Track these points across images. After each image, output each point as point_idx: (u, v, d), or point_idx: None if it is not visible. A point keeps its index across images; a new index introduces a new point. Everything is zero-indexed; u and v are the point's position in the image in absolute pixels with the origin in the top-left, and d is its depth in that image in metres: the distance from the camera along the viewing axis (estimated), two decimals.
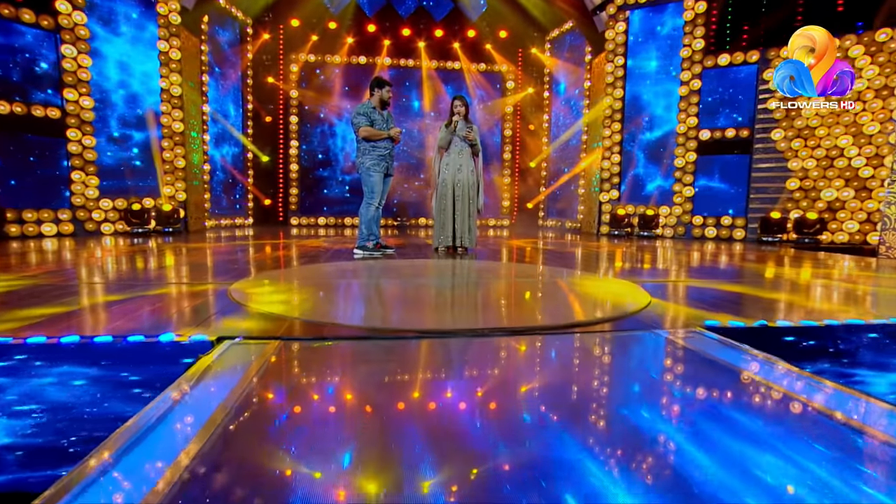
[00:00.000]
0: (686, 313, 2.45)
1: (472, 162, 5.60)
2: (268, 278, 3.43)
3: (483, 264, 4.51)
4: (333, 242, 6.92)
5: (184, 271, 3.72)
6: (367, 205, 5.27)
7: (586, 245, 7.21)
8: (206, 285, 3.07)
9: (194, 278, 3.37)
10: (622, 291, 3.06)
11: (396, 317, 2.32)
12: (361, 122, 5.07)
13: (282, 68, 11.14)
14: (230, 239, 7.41)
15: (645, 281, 3.52)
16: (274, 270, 3.89)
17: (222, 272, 3.74)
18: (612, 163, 9.53)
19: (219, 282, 3.21)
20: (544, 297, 2.92)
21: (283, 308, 2.39)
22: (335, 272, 3.77)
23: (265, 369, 1.57)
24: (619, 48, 9.21)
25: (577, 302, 2.75)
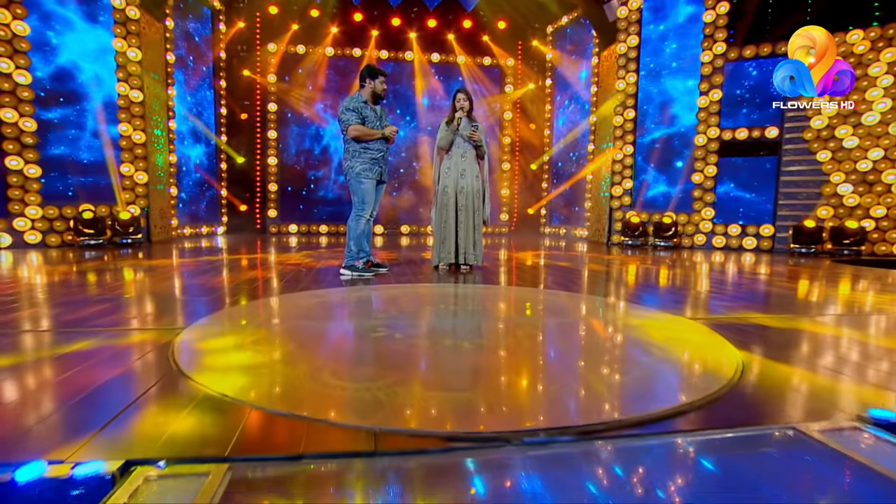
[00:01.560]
0: (809, 384, 1.82)
1: (476, 166, 4.97)
2: (230, 319, 2.74)
3: (497, 292, 3.86)
4: (318, 257, 6.23)
5: (122, 305, 3.01)
6: (357, 217, 4.59)
7: (602, 259, 6.61)
8: (143, 332, 2.38)
9: (132, 319, 2.67)
10: (693, 338, 2.43)
11: (408, 403, 1.66)
12: (351, 120, 4.40)
13: (259, 60, 10.42)
14: (197, 252, 6.68)
15: (708, 318, 2.89)
16: (240, 306, 3.19)
17: (172, 308, 3.04)
18: (624, 166, 8.96)
19: (163, 326, 2.52)
20: (599, 356, 2.27)
21: (241, 383, 1.72)
22: (318, 309, 3.09)
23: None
24: (632, 40, 8.66)
25: (646, 363, 2.11)
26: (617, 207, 9.07)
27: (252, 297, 3.49)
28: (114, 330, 2.43)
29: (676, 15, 8.39)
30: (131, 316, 2.75)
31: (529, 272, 5.08)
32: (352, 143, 4.49)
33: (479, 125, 5.01)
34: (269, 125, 10.58)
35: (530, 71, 11.47)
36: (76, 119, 7.10)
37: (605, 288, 4.12)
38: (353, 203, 4.63)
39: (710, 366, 1.99)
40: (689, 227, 8.45)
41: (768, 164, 7.92)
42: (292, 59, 10.57)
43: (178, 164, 9.01)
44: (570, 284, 4.26)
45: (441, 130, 5.01)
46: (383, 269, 4.94)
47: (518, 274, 4.94)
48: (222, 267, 5.14)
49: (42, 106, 6.74)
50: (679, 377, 1.93)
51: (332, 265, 5.37)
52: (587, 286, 4.22)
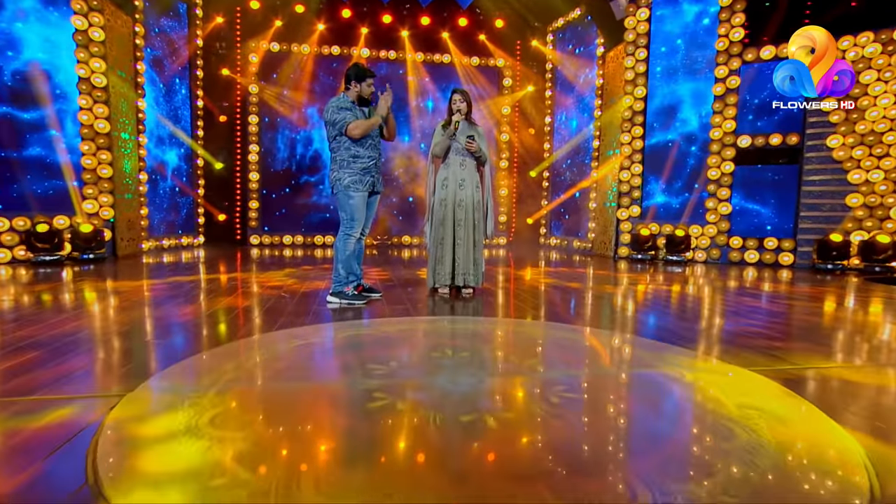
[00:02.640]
0: None
1: (476, 174, 4.53)
2: (185, 380, 2.21)
3: (510, 330, 3.35)
4: (302, 277, 5.69)
5: (53, 354, 2.46)
6: (345, 236, 4.08)
7: (612, 277, 6.14)
8: (65, 405, 1.84)
9: (55, 380, 2.13)
10: (773, 407, 1.94)
11: None
12: (348, 118, 3.92)
13: (239, 58, 9.88)
14: (167, 270, 6.11)
15: (768, 366, 2.41)
16: (201, 357, 2.66)
17: (117, 358, 2.50)
18: (632, 174, 8.53)
19: (97, 391, 1.98)
20: (671, 444, 1.78)
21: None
22: (299, 359, 2.57)
23: None
24: (642, 38, 8.26)
25: (738, 457, 1.61)
26: (624, 219, 8.63)
27: (220, 337, 2.95)
28: (25, 401, 1.88)
29: (689, 13, 8.00)
30: (58, 374, 2.21)
31: (538, 297, 4.59)
32: (340, 151, 4.00)
33: (480, 129, 4.57)
34: (250, 128, 10.02)
35: (530, 72, 11.05)
36: (31, 120, 6.51)
37: (631, 320, 3.64)
38: (340, 220, 4.12)
39: (826, 464, 1.50)
40: (703, 241, 8.04)
41: (788, 173, 7.53)
42: (275, 57, 10.03)
43: (150, 171, 8.42)
44: (596, 314, 3.77)
45: (436, 136, 4.56)
46: (376, 295, 4.44)
47: (526, 300, 4.44)
48: (192, 291, 4.59)
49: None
50: (791, 484, 1.43)
51: (319, 288, 4.84)
52: (610, 317, 3.74)
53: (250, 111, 9.96)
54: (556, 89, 10.93)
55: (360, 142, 3.98)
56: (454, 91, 4.48)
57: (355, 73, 4.00)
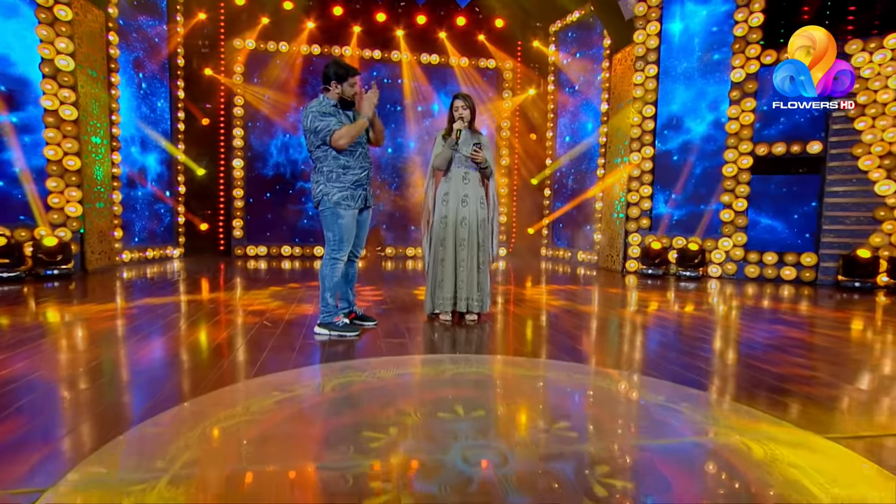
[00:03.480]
0: None
1: (480, 189, 4.17)
2: (126, 465, 1.76)
3: (529, 375, 2.93)
4: (289, 298, 5.25)
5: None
6: (333, 261, 3.65)
7: (626, 296, 5.75)
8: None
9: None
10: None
11: None
12: (333, 126, 3.47)
13: (223, 57, 9.43)
14: (139, 289, 5.64)
15: (868, 435, 2.00)
16: (153, 426, 2.21)
17: (50, 427, 2.05)
18: (641, 184, 8.17)
19: (7, 486, 1.53)
20: None
21: None
22: (275, 428, 2.14)
23: None
24: (652, 40, 7.91)
25: None
26: (633, 231, 8.26)
27: (185, 389, 2.51)
28: None
29: (702, 13, 7.67)
30: None
31: (549, 325, 4.17)
32: (327, 162, 3.56)
33: (484, 139, 4.19)
34: (234, 132, 9.57)
35: (531, 74, 10.69)
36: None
37: (659, 357, 3.23)
38: (325, 241, 3.69)
39: None
40: (718, 255, 7.67)
41: (809, 183, 7.19)
42: (262, 57, 9.61)
43: (124, 178, 7.95)
44: (619, 350, 3.35)
45: (436, 146, 4.18)
46: (370, 324, 4.02)
47: (537, 330, 4.02)
48: (162, 318, 4.13)
49: None
50: None
51: (306, 313, 4.41)
52: (643, 354, 3.32)
53: (235, 114, 9.52)
54: (559, 92, 10.57)
55: (349, 150, 3.56)
56: (456, 96, 4.09)
57: (335, 72, 3.51)
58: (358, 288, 5.87)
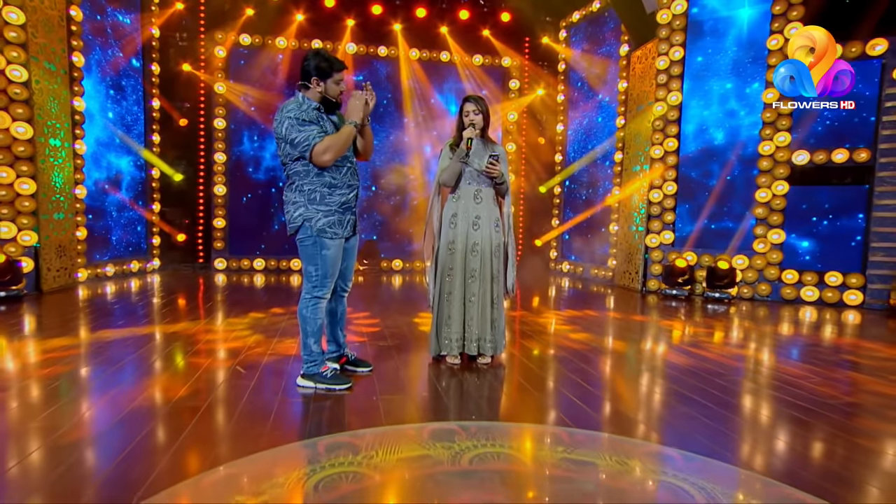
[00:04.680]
0: None
1: (495, 209, 3.63)
2: None
3: (570, 462, 2.29)
4: (271, 330, 4.62)
5: None
6: (314, 301, 3.03)
7: (656, 323, 5.11)
8: None
9: None
10: None
11: None
12: (314, 139, 2.84)
13: (203, 52, 8.80)
14: (94, 317, 4.98)
15: None
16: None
17: None
18: (664, 194, 7.56)
19: None
20: None
21: None
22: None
23: None
24: (678, 35, 7.32)
25: None
26: (655, 246, 7.65)
27: (112, 492, 1.85)
28: None
29: (735, 5, 7.08)
30: None
31: (579, 370, 3.54)
32: (309, 179, 2.94)
33: (500, 148, 3.64)
34: (215, 133, 8.93)
35: (540, 73, 10.08)
36: None
37: (739, 423, 2.60)
38: (304, 276, 3.07)
39: None
40: (750, 274, 7.06)
41: (855, 195, 6.60)
42: (246, 51, 8.99)
43: (89, 184, 7.30)
44: (663, 412, 2.72)
45: (443, 159, 3.61)
46: (364, 370, 3.41)
47: (562, 377, 3.38)
48: (112, 362, 3.48)
49: None
50: None
51: (289, 354, 3.77)
52: (697, 418, 2.69)
53: (216, 114, 8.89)
54: (571, 93, 9.97)
55: (334, 165, 2.94)
56: (466, 99, 3.52)
57: (317, 66, 2.90)
58: (350, 314, 5.25)
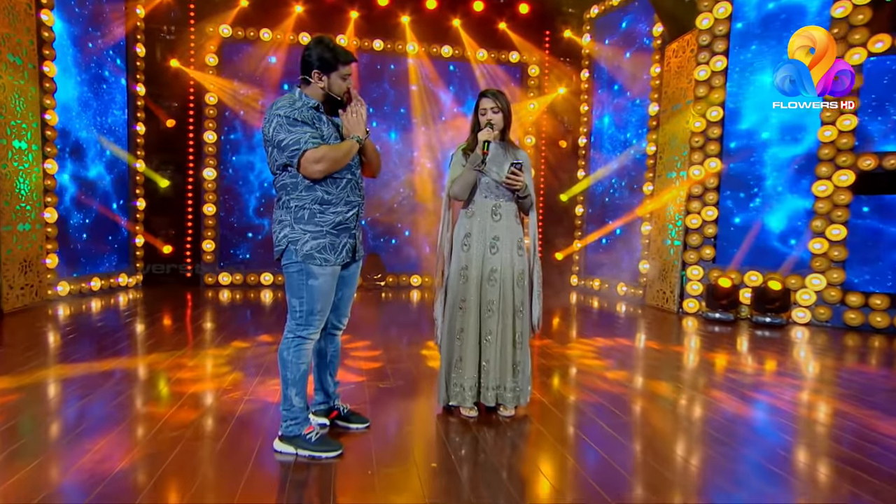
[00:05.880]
0: None
1: (518, 227, 3.13)
2: None
3: None
4: (253, 361, 4.03)
5: None
6: (298, 342, 2.51)
7: (705, 351, 4.43)
8: None
9: None
10: None
11: None
12: (304, 142, 2.33)
13: (192, 46, 8.30)
14: (49, 348, 4.39)
15: None
16: None
17: None
18: (704, 204, 6.91)
19: None
20: None
21: None
22: None
23: None
24: (721, 26, 6.70)
25: None
26: (693, 262, 6.98)
27: None
28: None
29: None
30: None
31: (624, 422, 2.88)
32: (296, 193, 2.44)
33: (523, 153, 3.12)
34: (206, 135, 8.41)
35: (561, 70, 9.49)
36: None
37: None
38: (288, 310, 2.50)
39: None
40: (807, 296, 6.37)
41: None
42: (240, 46, 8.49)
43: (62, 191, 6.78)
44: (747, 484, 2.06)
45: (454, 167, 3.08)
46: (358, 427, 2.82)
47: (606, 437, 2.72)
48: (58, 412, 2.88)
49: None
50: None
51: (271, 401, 3.14)
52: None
53: (207, 114, 8.37)
54: (596, 91, 9.35)
55: (331, 177, 2.39)
56: (483, 94, 3.01)
57: (320, 56, 2.44)
58: (347, 344, 4.68)
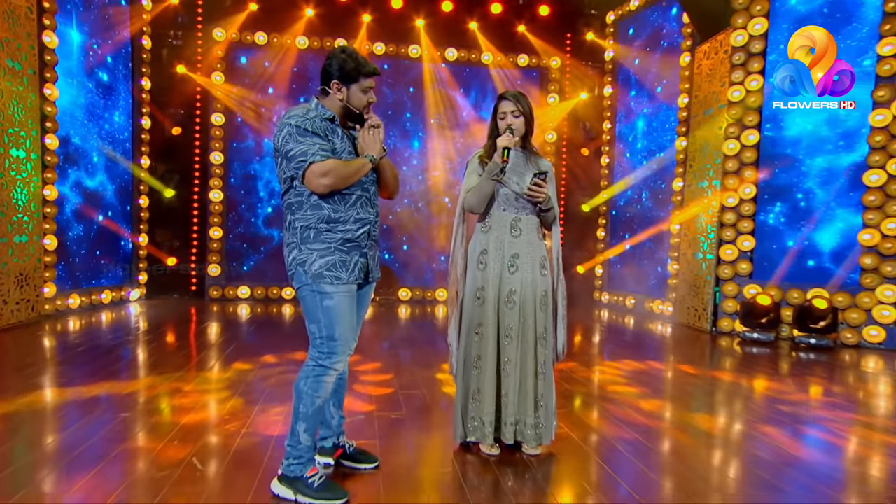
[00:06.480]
0: None
1: (540, 244, 2.84)
2: None
3: None
4: (254, 386, 3.75)
5: None
6: (319, 371, 2.27)
7: (747, 374, 4.06)
8: None
9: None
10: None
11: None
12: (311, 154, 2.15)
13: (199, 51, 8.14)
14: (38, 369, 4.15)
15: None
16: None
17: None
18: (740, 216, 6.54)
19: None
20: None
21: None
22: None
23: None
24: (758, 21, 6.36)
25: None
26: (728, 278, 6.60)
27: None
28: None
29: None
30: None
31: (665, 461, 2.54)
32: (302, 211, 2.24)
33: (546, 162, 2.87)
34: (212, 144, 8.24)
35: (584, 74, 9.19)
36: None
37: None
38: (309, 338, 2.28)
39: None
40: (855, 315, 5.95)
41: None
42: (248, 51, 8.34)
43: (62, 202, 6.62)
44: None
45: (469, 176, 2.82)
46: (366, 467, 2.56)
47: (649, 481, 2.39)
48: (31, 445, 2.61)
49: None
50: None
51: (271, 434, 2.85)
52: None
53: (213, 122, 8.20)
54: (621, 96, 9.03)
55: (340, 193, 2.21)
56: (503, 97, 2.76)
57: (341, 66, 2.24)
58: (356, 367, 4.40)
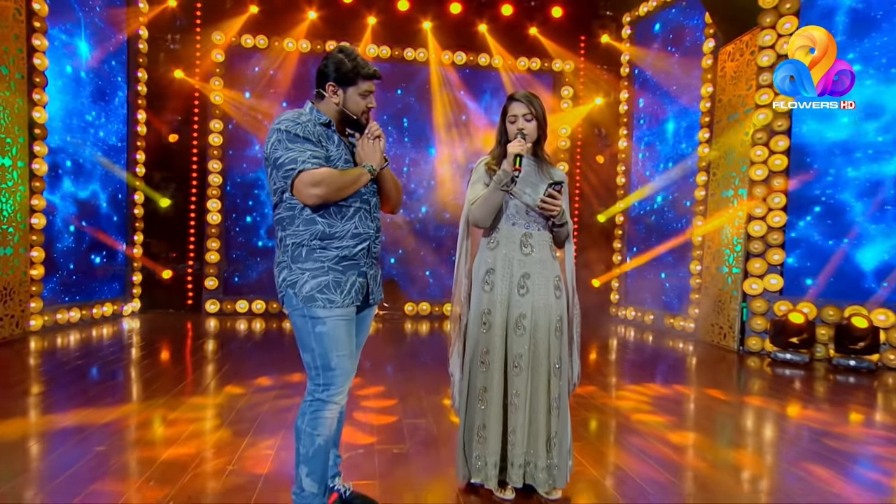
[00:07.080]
0: None
1: (554, 262, 2.60)
2: None
3: None
4: (244, 415, 3.48)
5: None
6: (317, 405, 2.04)
7: (787, 403, 3.73)
8: None
9: None
10: None
11: None
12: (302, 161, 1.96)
13: (198, 56, 8.00)
14: (13, 393, 3.89)
15: None
16: None
17: None
18: (769, 227, 6.24)
19: None
20: None
21: None
22: None
23: None
24: (788, 20, 6.09)
25: None
26: (756, 294, 6.29)
27: None
28: None
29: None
30: None
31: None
32: (293, 227, 2.00)
33: (559, 172, 2.66)
34: (211, 151, 8.08)
35: (599, 78, 9.00)
36: None
37: None
38: (305, 367, 2.02)
39: None
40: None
41: None
42: (248, 55, 8.19)
43: (52, 212, 6.43)
44: None
45: (474, 185, 2.59)
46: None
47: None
48: (11, 476, 2.35)
49: None
50: None
51: (259, 473, 2.56)
52: None
53: (212, 128, 8.04)
54: (638, 101, 8.81)
55: (335, 205, 2.01)
56: (513, 98, 2.53)
57: (337, 68, 2.09)
58: (358, 391, 4.15)
